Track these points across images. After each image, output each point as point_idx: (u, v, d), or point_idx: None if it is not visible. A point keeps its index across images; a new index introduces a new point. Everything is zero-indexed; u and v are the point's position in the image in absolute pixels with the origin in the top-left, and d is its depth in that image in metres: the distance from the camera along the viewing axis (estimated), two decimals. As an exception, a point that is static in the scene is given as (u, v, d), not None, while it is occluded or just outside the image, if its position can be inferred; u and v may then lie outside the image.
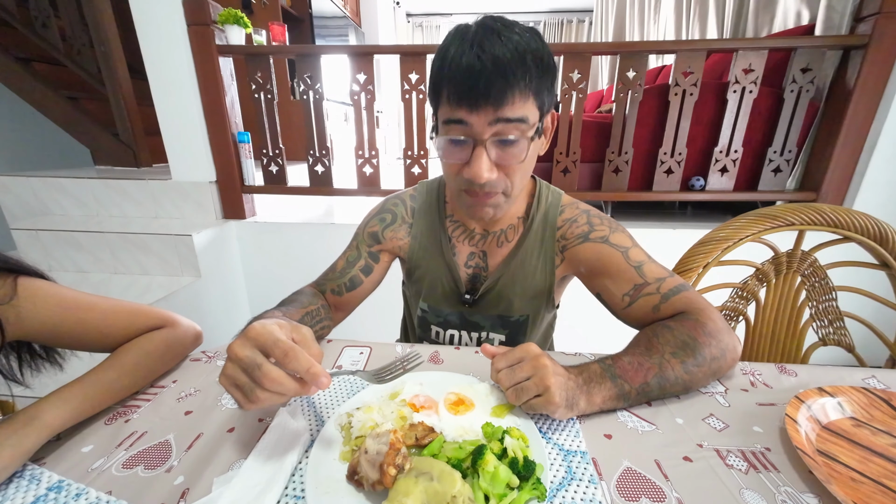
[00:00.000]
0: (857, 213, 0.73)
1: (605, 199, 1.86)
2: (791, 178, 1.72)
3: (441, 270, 0.74)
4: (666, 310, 0.60)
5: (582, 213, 0.70)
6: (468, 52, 0.50)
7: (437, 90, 0.56)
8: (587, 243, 0.67)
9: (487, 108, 0.52)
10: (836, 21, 1.67)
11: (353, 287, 0.74)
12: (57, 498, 0.39)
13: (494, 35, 0.51)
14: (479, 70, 0.50)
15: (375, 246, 0.76)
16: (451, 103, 0.53)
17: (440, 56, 0.54)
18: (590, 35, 5.95)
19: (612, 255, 0.65)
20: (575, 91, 1.63)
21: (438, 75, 0.55)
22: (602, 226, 0.68)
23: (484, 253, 0.73)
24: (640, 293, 0.62)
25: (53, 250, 1.80)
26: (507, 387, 0.47)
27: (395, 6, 5.57)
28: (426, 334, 0.81)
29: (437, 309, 0.77)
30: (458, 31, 0.54)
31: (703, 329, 0.54)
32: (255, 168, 1.92)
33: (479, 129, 0.53)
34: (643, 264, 0.63)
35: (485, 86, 0.50)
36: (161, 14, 1.61)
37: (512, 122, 0.53)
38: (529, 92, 0.53)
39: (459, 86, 0.52)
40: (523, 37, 0.52)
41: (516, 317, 0.74)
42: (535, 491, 0.37)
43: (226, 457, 0.44)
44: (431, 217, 0.75)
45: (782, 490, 0.39)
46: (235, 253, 1.97)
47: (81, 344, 0.56)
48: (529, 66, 0.51)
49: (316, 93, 1.76)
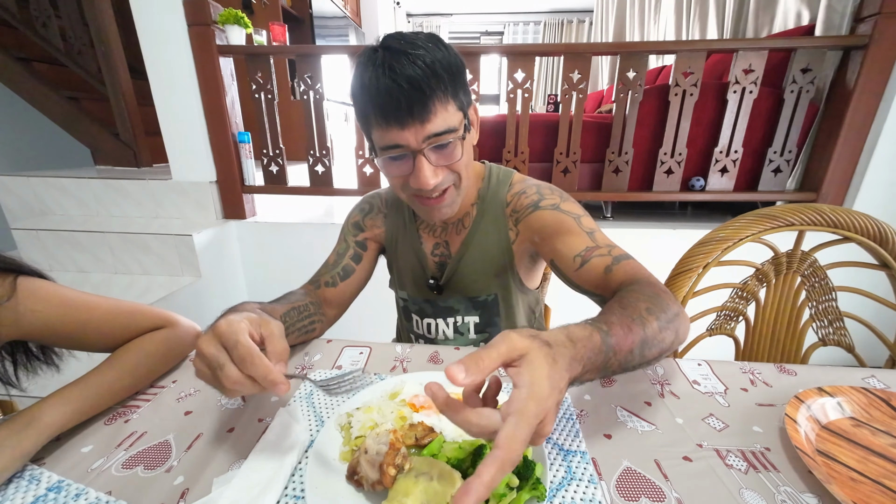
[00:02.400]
0: (857, 213, 0.73)
1: (605, 199, 1.87)
2: (791, 178, 1.72)
3: (412, 260, 0.79)
4: (617, 272, 0.59)
5: (531, 186, 0.73)
6: (382, 77, 0.53)
7: (364, 116, 0.59)
8: (538, 211, 0.69)
9: (415, 125, 0.55)
10: (836, 21, 1.66)
11: (346, 276, 0.77)
12: (57, 498, 0.39)
13: (402, 55, 0.53)
14: (397, 91, 0.53)
15: (360, 235, 0.81)
16: (380, 126, 0.56)
17: (357, 84, 0.57)
18: (590, 35, 5.95)
19: (564, 219, 0.66)
20: (575, 91, 1.63)
21: (362, 101, 0.58)
22: (553, 195, 0.70)
23: (447, 242, 0.77)
24: (591, 254, 0.62)
25: (53, 250, 1.80)
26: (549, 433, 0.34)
27: (395, 6, 5.57)
28: (410, 324, 0.85)
29: (413, 297, 0.82)
30: (367, 57, 0.56)
31: (660, 287, 0.53)
32: (256, 168, 1.93)
33: (413, 142, 0.56)
34: (594, 232, 0.65)
35: (407, 105, 0.53)
36: (161, 14, 1.61)
37: (441, 135, 0.57)
38: (448, 98, 0.56)
39: (384, 108, 0.55)
40: (428, 49, 0.54)
41: (483, 296, 0.77)
42: (535, 491, 0.37)
43: (226, 457, 0.44)
44: (400, 210, 0.80)
45: (782, 490, 0.39)
46: (235, 253, 1.97)
47: (81, 344, 0.56)
48: (441, 76, 0.54)
49: (316, 93, 1.76)
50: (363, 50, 0.57)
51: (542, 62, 6.03)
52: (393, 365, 0.62)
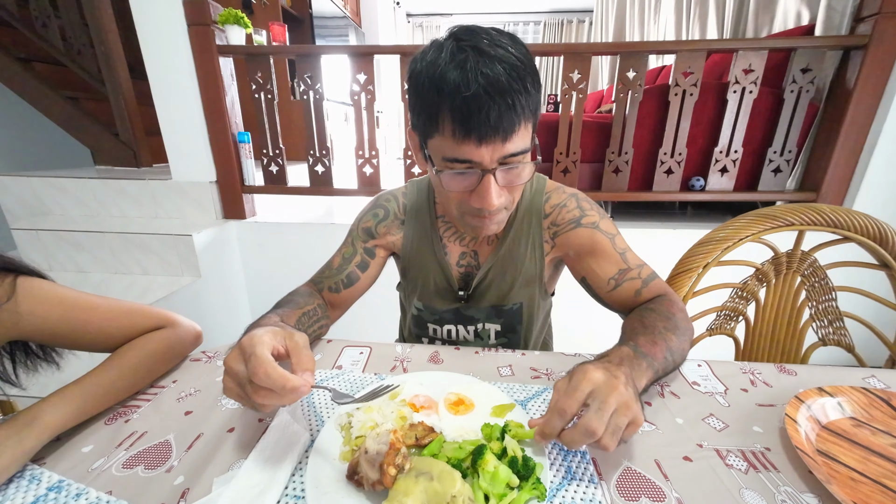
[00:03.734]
0: (856, 213, 0.73)
1: (605, 199, 1.86)
2: (791, 178, 1.72)
3: (434, 270, 0.75)
4: (646, 293, 0.65)
5: (570, 198, 0.71)
6: (472, 82, 0.46)
7: (429, 117, 0.52)
8: (579, 228, 0.69)
9: (496, 142, 0.49)
10: (836, 21, 1.67)
11: (350, 284, 0.74)
12: (57, 498, 0.39)
13: (495, 61, 0.47)
14: (487, 103, 0.47)
15: (370, 241, 0.76)
16: (453, 136, 0.50)
17: (434, 84, 0.49)
18: (590, 35, 5.95)
19: (601, 240, 0.67)
20: (575, 91, 1.63)
21: (435, 106, 0.50)
22: (592, 211, 0.70)
23: (475, 252, 0.74)
24: (624, 277, 0.66)
25: (53, 250, 1.80)
26: (601, 433, 0.38)
27: (395, 6, 5.57)
28: (423, 332, 0.82)
29: (432, 307, 0.78)
30: (451, 53, 0.49)
31: (674, 305, 0.62)
32: (256, 168, 1.92)
33: (487, 160, 0.51)
34: (626, 252, 0.68)
35: (495, 120, 0.48)
36: (161, 14, 1.61)
37: (517, 155, 0.52)
38: (531, 116, 0.52)
39: (465, 120, 0.48)
40: (518, 57, 0.49)
41: (509, 305, 0.74)
42: (535, 491, 0.37)
43: (226, 457, 0.44)
44: (422, 217, 0.75)
45: (782, 490, 0.39)
46: (235, 253, 1.97)
47: (81, 344, 0.56)
48: (531, 92, 0.50)
49: (316, 93, 1.76)
50: (439, 42, 0.51)
51: (542, 62, 6.03)
52: (393, 365, 0.62)
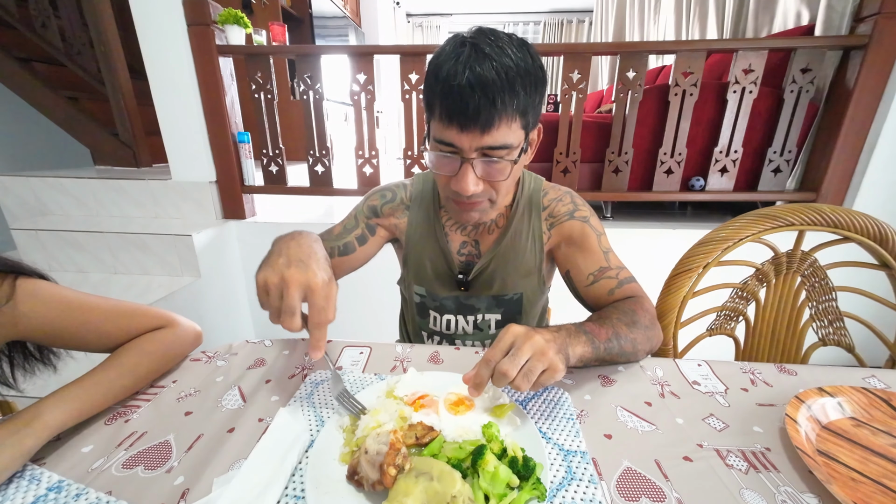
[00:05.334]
0: (857, 213, 0.73)
1: (605, 199, 1.86)
2: (791, 178, 1.72)
3: (435, 253, 0.78)
4: (619, 294, 0.69)
5: (565, 194, 0.77)
6: (460, 74, 0.52)
7: (429, 103, 0.59)
8: (573, 220, 0.73)
9: (475, 132, 0.54)
10: (836, 21, 1.67)
11: (345, 252, 0.77)
12: (57, 498, 0.39)
13: (487, 59, 0.52)
14: (468, 94, 0.52)
15: (373, 219, 0.80)
16: (441, 121, 0.56)
17: (433, 71, 0.56)
18: (590, 35, 5.95)
19: (590, 235, 0.72)
20: (575, 91, 1.63)
21: (432, 91, 0.57)
22: (584, 207, 0.75)
23: (476, 241, 0.77)
24: (602, 275, 0.70)
25: (53, 250, 1.80)
26: (514, 374, 0.44)
27: (395, 6, 5.57)
28: (425, 321, 0.83)
29: (433, 293, 0.80)
30: (453, 47, 0.55)
31: (640, 305, 0.65)
32: (255, 168, 1.92)
33: (466, 148, 0.56)
34: (609, 252, 0.72)
35: (473, 111, 0.52)
36: (161, 14, 1.61)
37: (495, 149, 0.56)
38: (516, 115, 0.55)
39: (450, 107, 0.54)
40: (515, 59, 0.53)
41: (510, 295, 0.77)
42: (535, 491, 0.37)
43: (226, 457, 0.44)
44: (426, 206, 0.78)
45: (782, 490, 0.39)
46: (235, 253, 1.97)
47: (81, 344, 0.56)
48: (518, 92, 0.54)
49: (316, 93, 1.76)
50: (454, 36, 0.56)
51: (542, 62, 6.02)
52: (393, 365, 0.62)
